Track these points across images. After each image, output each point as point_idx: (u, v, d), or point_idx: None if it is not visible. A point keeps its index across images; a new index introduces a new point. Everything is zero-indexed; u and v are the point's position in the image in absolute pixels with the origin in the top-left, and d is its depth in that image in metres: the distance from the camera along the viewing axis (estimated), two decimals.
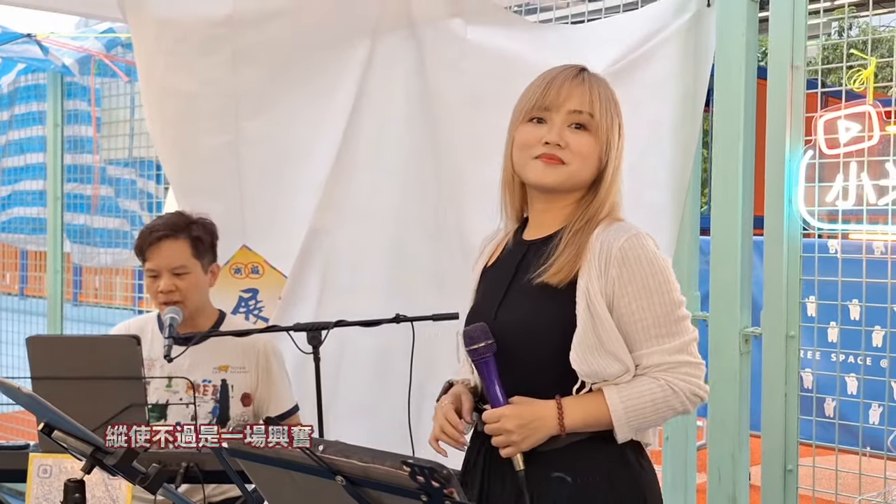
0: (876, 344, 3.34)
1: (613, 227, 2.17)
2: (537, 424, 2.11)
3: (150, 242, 3.28)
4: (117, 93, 5.91)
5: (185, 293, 3.27)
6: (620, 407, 2.10)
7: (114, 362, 2.81)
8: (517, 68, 3.55)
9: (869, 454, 3.43)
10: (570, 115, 2.20)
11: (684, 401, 2.13)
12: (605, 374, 2.11)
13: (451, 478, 1.25)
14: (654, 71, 3.34)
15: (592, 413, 2.12)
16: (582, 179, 2.22)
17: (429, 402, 3.85)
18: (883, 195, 3.18)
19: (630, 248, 2.12)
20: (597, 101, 2.20)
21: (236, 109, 3.96)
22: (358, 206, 3.99)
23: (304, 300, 4.10)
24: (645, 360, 2.13)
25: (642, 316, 2.12)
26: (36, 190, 6.31)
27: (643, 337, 2.13)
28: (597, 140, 2.19)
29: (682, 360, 2.13)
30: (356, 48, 3.88)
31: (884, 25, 15.90)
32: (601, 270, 2.12)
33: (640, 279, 2.11)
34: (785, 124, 3.19)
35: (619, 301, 2.12)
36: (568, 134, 2.19)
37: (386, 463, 1.34)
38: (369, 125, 3.92)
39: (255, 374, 3.36)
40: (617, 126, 2.23)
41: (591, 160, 2.20)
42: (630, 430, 2.13)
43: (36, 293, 7.26)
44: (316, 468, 1.43)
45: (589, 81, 2.23)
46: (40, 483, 2.71)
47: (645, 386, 2.12)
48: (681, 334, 2.14)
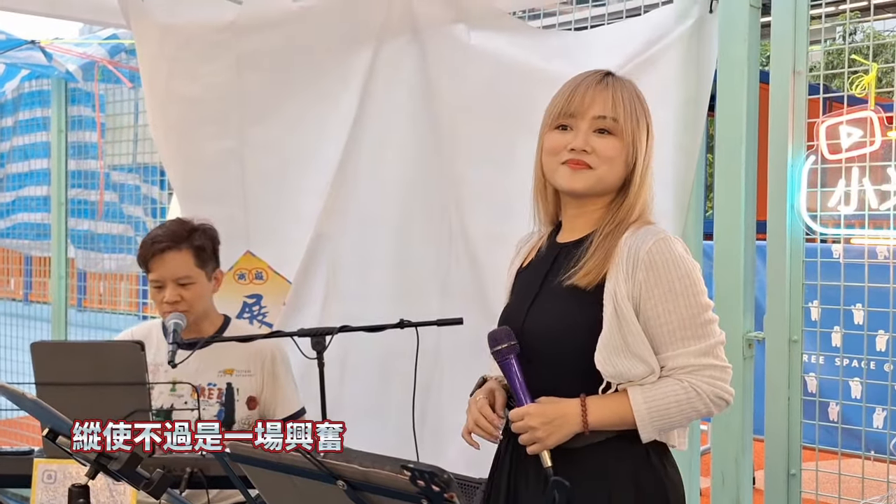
0: (879, 348, 3.34)
1: (642, 231, 2.21)
2: (561, 422, 2.15)
3: (153, 254, 3.29)
4: (121, 98, 5.91)
5: (190, 302, 3.29)
6: (644, 407, 2.14)
7: (118, 368, 2.82)
8: (520, 74, 3.57)
9: (873, 458, 3.42)
10: (595, 121, 2.23)
11: (708, 403, 2.16)
12: (629, 375, 2.15)
13: (451, 482, 1.26)
14: (656, 77, 3.34)
15: (616, 412, 2.16)
16: (610, 183, 2.26)
17: (433, 406, 3.88)
18: (885, 200, 3.18)
19: (657, 251, 2.16)
20: (619, 105, 2.23)
21: (240, 115, 3.98)
22: (361, 211, 4.00)
23: (309, 306, 4.11)
24: (670, 362, 2.17)
25: (668, 319, 2.15)
26: (40, 196, 6.31)
27: (669, 339, 2.16)
28: (622, 143, 2.23)
29: (706, 363, 2.16)
30: (360, 54, 3.89)
31: (888, 30, 15.91)
32: (628, 273, 2.16)
33: (667, 282, 2.15)
34: (787, 129, 3.19)
35: (646, 304, 2.15)
36: (594, 139, 2.23)
37: (386, 467, 1.34)
38: (373, 130, 3.93)
39: (260, 378, 3.37)
40: (644, 126, 2.27)
41: (617, 163, 2.24)
42: (654, 430, 2.16)
43: (40, 299, 7.25)
44: (317, 473, 1.43)
45: (612, 86, 2.26)
46: (45, 489, 2.72)
47: (669, 387, 2.15)
48: (707, 337, 2.17)
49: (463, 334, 3.36)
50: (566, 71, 3.46)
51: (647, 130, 2.28)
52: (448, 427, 3.87)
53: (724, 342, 2.21)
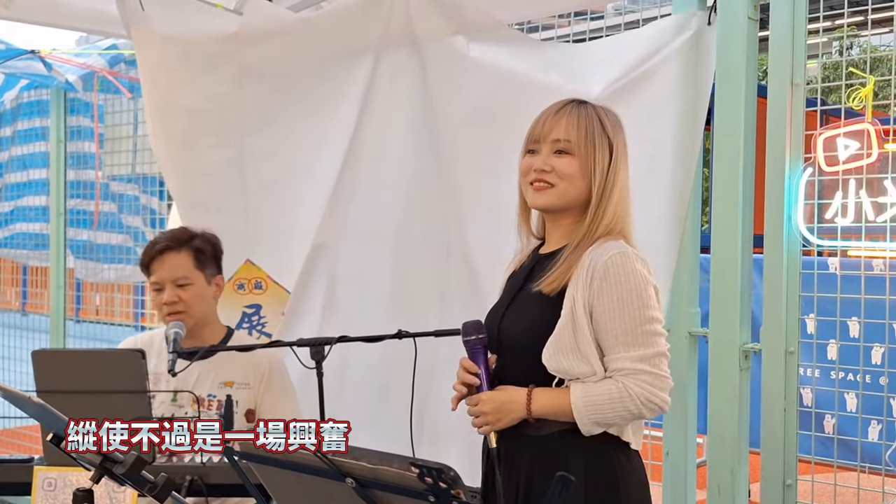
0: (875, 361, 3.35)
1: (606, 245, 2.43)
2: (509, 407, 2.43)
3: (153, 256, 3.32)
4: (120, 109, 5.92)
5: (189, 304, 3.30)
6: (581, 401, 2.36)
7: (119, 376, 2.82)
8: (519, 86, 3.58)
9: (868, 471, 3.43)
10: (554, 144, 2.50)
11: (639, 405, 2.36)
12: (572, 372, 2.38)
13: (459, 479, 1.28)
14: (654, 89, 3.35)
15: (557, 403, 2.39)
16: (572, 197, 2.50)
17: (430, 417, 3.88)
18: (882, 212, 3.20)
19: (612, 264, 2.38)
20: (573, 128, 2.48)
21: (240, 125, 3.99)
22: (361, 222, 4.01)
23: (308, 316, 4.11)
24: (612, 364, 2.38)
25: (613, 325, 2.37)
26: (39, 206, 6.32)
27: (612, 343, 2.38)
28: (579, 161, 2.47)
29: (642, 369, 2.36)
30: (360, 65, 3.90)
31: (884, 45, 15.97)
32: (586, 282, 2.39)
33: (617, 292, 2.37)
34: (785, 141, 3.20)
35: (597, 310, 2.38)
36: (553, 159, 2.49)
37: (394, 465, 1.36)
38: (372, 142, 3.94)
39: (258, 390, 3.37)
40: (605, 147, 2.50)
41: (576, 180, 2.48)
42: (590, 422, 2.37)
43: (37, 310, 7.25)
44: (326, 470, 1.45)
45: (570, 112, 2.52)
46: (45, 497, 2.72)
47: (605, 386, 2.36)
48: (647, 346, 2.38)
49: (461, 345, 3.36)
50: (564, 83, 3.50)
51: (610, 150, 2.51)
52: (446, 437, 3.87)
53: (666, 355, 2.41)
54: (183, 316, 3.28)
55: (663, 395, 2.38)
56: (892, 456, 3.30)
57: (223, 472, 2.75)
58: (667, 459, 3.80)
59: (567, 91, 3.41)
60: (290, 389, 3.47)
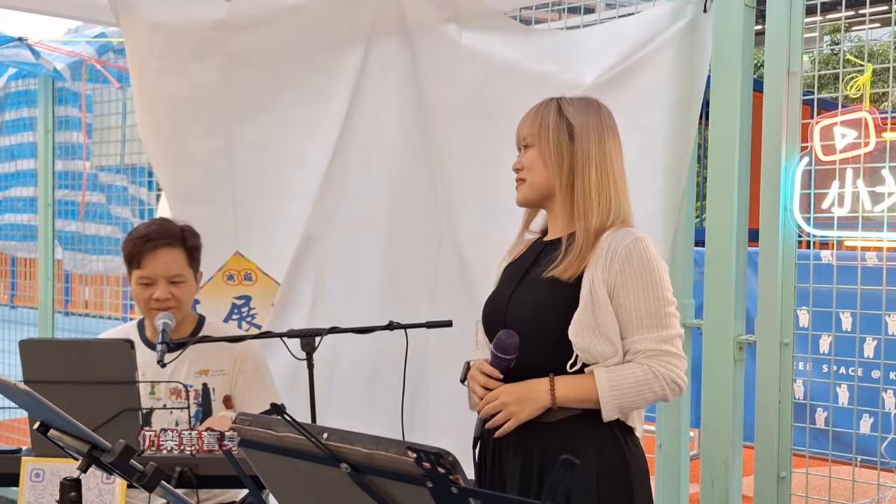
0: (868, 354, 3.34)
1: (621, 231, 2.47)
2: (531, 396, 2.42)
3: (148, 250, 3.27)
4: (109, 99, 5.87)
5: (180, 300, 3.28)
6: (607, 385, 2.39)
7: (108, 366, 2.80)
8: (512, 75, 3.56)
9: (860, 464, 3.42)
10: (522, 141, 2.63)
11: (664, 386, 2.41)
12: (595, 352, 2.40)
13: (457, 464, 1.25)
14: (649, 77, 3.33)
15: (582, 389, 2.41)
16: (541, 185, 2.57)
17: (421, 408, 3.86)
18: (878, 202, 3.18)
19: (633, 248, 2.42)
20: (531, 120, 2.59)
21: (229, 114, 3.95)
22: (351, 212, 3.98)
23: (298, 307, 4.09)
24: (634, 346, 2.42)
25: (637, 306, 2.42)
26: (27, 196, 6.27)
27: (635, 325, 2.42)
28: (538, 148, 2.55)
29: (666, 350, 2.42)
30: (350, 53, 3.87)
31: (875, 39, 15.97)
32: (606, 265, 2.42)
33: (640, 275, 2.42)
34: (781, 130, 3.19)
35: (619, 291, 2.42)
36: (522, 156, 2.61)
37: (391, 449, 1.34)
38: (363, 131, 3.91)
39: (231, 376, 3.35)
40: (564, 129, 2.53)
41: (537, 167, 2.56)
42: (615, 408, 2.40)
43: (26, 302, 7.20)
44: (319, 456, 1.42)
45: (535, 110, 2.61)
46: (32, 487, 2.69)
47: (630, 369, 2.41)
48: (668, 328, 2.44)
49: (452, 337, 3.35)
50: (558, 71, 3.48)
51: (569, 132, 2.53)
52: (436, 428, 3.86)
53: (682, 336, 2.47)
54: (174, 311, 3.26)
55: (683, 375, 2.44)
56: (888, 449, 3.29)
57: (213, 464, 2.72)
58: (659, 452, 3.79)
59: (560, 80, 3.40)
60: (266, 373, 3.45)
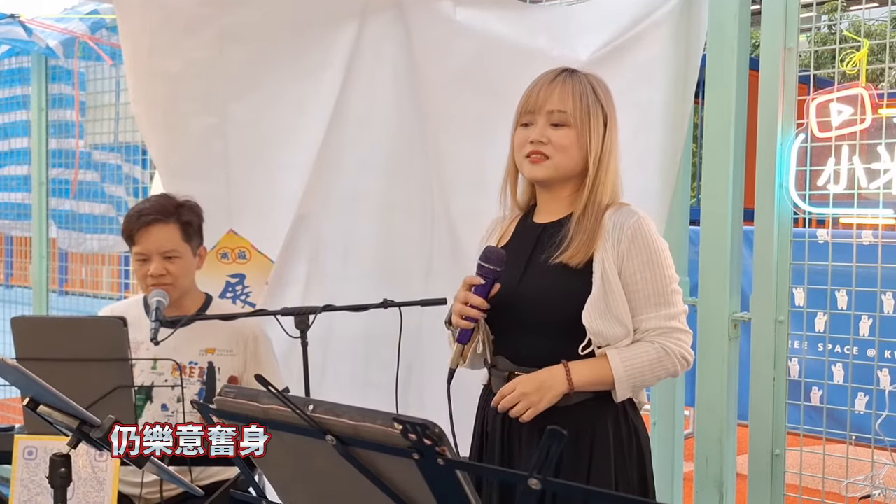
0: (863, 333, 3.33)
1: (623, 210, 2.48)
2: (551, 383, 2.41)
3: (140, 226, 3.26)
4: (102, 76, 5.83)
5: (176, 276, 3.27)
6: (622, 367, 2.41)
7: (100, 344, 2.79)
8: (506, 51, 3.55)
9: (855, 443, 3.42)
10: (550, 115, 2.50)
11: (675, 362, 2.45)
12: (609, 335, 2.42)
13: (444, 436, 1.25)
14: (644, 53, 3.32)
15: (596, 373, 2.42)
16: (569, 169, 2.51)
17: (415, 386, 3.86)
18: (874, 179, 3.17)
19: (638, 228, 2.45)
20: (568, 97, 2.49)
21: (222, 91, 3.92)
22: (345, 190, 3.97)
23: (292, 285, 4.08)
24: (644, 323, 2.46)
25: (644, 285, 2.44)
26: (20, 175, 6.24)
27: (644, 304, 2.45)
28: (576, 132, 2.49)
29: (675, 326, 2.46)
30: (344, 29, 3.85)
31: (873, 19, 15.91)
32: (614, 244, 2.44)
33: (645, 254, 2.44)
34: (777, 107, 3.17)
35: (626, 270, 2.44)
36: (550, 131, 2.49)
37: (377, 421, 1.34)
38: (356, 108, 3.89)
39: (242, 358, 3.35)
40: (599, 115, 2.51)
41: (572, 151, 2.50)
42: (629, 388, 2.44)
43: (22, 282, 7.18)
44: (305, 428, 1.41)
45: (564, 82, 2.52)
46: (25, 465, 2.69)
47: (642, 348, 2.44)
48: (675, 305, 2.48)
49: (446, 315, 3.34)
50: (552, 48, 3.47)
51: (604, 119, 2.52)
52: (431, 406, 3.84)
53: (686, 312, 2.52)
54: (169, 288, 3.26)
55: (691, 350, 2.49)
56: (882, 427, 3.29)
57: None
58: (654, 430, 3.79)
59: (554, 56, 3.39)
60: (274, 359, 3.45)
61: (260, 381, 1.40)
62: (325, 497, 1.63)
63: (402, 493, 1.41)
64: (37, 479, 2.67)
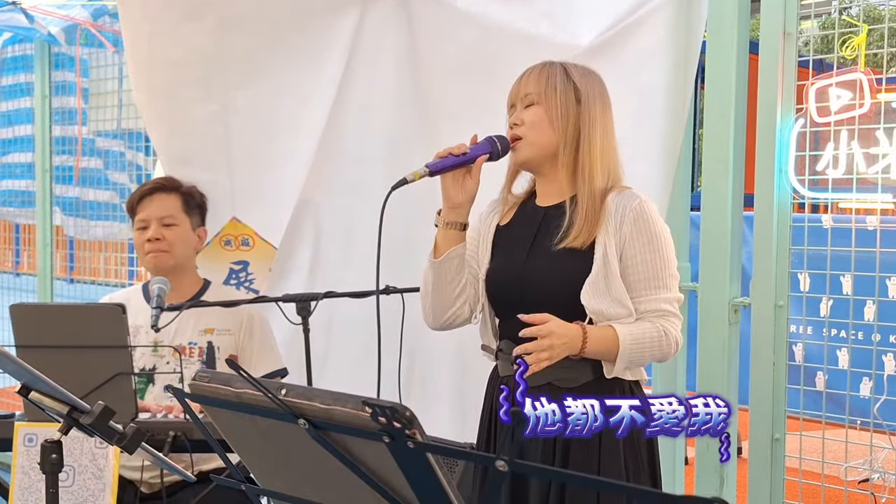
0: (868, 318, 3.32)
1: (626, 193, 2.51)
2: (571, 343, 2.38)
3: (142, 195, 3.38)
4: (105, 63, 5.83)
5: (172, 244, 3.33)
6: (628, 341, 2.42)
7: (100, 331, 2.81)
8: (507, 38, 3.54)
9: (859, 427, 3.41)
10: (523, 100, 2.57)
11: (671, 344, 2.48)
12: (609, 314, 2.44)
13: (414, 419, 1.26)
14: (646, 38, 3.31)
15: (605, 343, 2.42)
16: (545, 144, 2.53)
17: (418, 373, 3.86)
18: (873, 163, 3.16)
19: (641, 211, 2.47)
20: (535, 79, 2.55)
21: (223, 78, 3.92)
22: (347, 176, 3.97)
23: (295, 272, 4.09)
24: (644, 305, 2.48)
25: (644, 268, 2.47)
26: (25, 162, 6.24)
27: (644, 286, 2.48)
28: (544, 108, 2.52)
29: (672, 311, 2.49)
30: (345, 16, 3.84)
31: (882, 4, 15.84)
32: (617, 227, 2.46)
33: (647, 237, 2.47)
34: (776, 92, 3.17)
35: (627, 252, 2.46)
36: (523, 113, 2.55)
37: (348, 405, 1.35)
38: (358, 95, 3.89)
39: (239, 336, 3.38)
40: (570, 92, 2.53)
41: (542, 127, 2.53)
42: (627, 362, 2.44)
43: (30, 270, 7.18)
44: (278, 412, 1.42)
45: (538, 69, 2.58)
46: (26, 452, 2.71)
47: (645, 326, 2.46)
48: (671, 289, 2.51)
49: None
50: (554, 34, 3.46)
51: (577, 96, 2.53)
52: (433, 393, 3.86)
53: (681, 300, 2.54)
54: (165, 256, 3.30)
55: (681, 336, 2.52)
56: (881, 410, 3.28)
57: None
58: None
59: (556, 42, 3.38)
60: (272, 340, 3.47)
61: (231, 366, 1.41)
62: (302, 481, 1.64)
63: (375, 475, 1.42)
64: (37, 466, 2.68)
